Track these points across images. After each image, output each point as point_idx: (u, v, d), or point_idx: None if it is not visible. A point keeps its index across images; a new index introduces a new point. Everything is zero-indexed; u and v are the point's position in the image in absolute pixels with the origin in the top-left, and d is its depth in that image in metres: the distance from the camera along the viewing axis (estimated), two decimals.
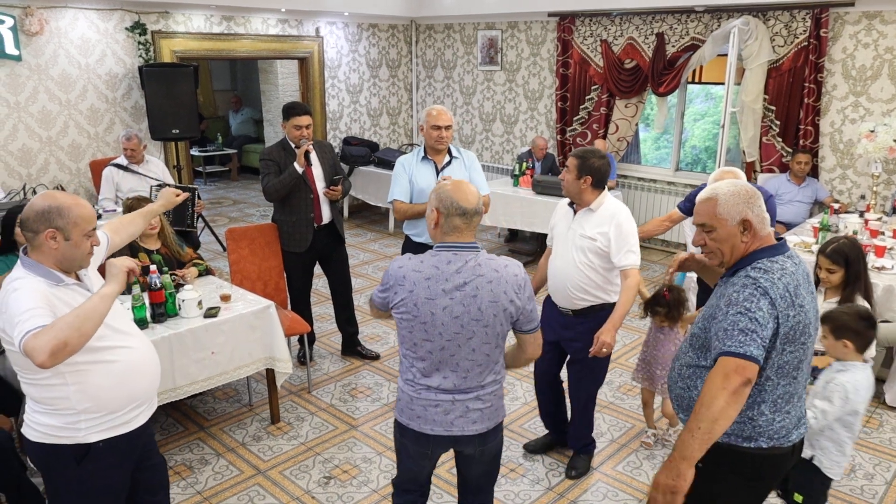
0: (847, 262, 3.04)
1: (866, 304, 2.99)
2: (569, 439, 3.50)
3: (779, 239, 1.98)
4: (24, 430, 2.15)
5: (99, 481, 2.18)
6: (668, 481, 1.80)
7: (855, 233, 4.54)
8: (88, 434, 2.11)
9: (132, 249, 3.70)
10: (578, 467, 3.42)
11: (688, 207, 3.96)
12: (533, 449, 3.60)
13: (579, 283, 3.07)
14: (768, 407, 1.90)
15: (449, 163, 3.84)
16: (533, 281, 3.27)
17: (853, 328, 2.50)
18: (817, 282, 3.21)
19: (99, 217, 5.08)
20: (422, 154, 3.84)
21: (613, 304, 3.09)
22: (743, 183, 2.00)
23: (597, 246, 3.00)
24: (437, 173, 3.77)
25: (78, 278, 2.17)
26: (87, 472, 2.14)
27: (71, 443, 2.10)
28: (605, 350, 2.96)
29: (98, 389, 2.09)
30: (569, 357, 3.32)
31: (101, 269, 2.21)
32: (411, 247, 3.93)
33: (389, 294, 2.20)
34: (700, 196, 2.04)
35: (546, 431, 3.65)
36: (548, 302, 3.33)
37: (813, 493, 2.55)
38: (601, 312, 3.09)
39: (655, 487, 1.85)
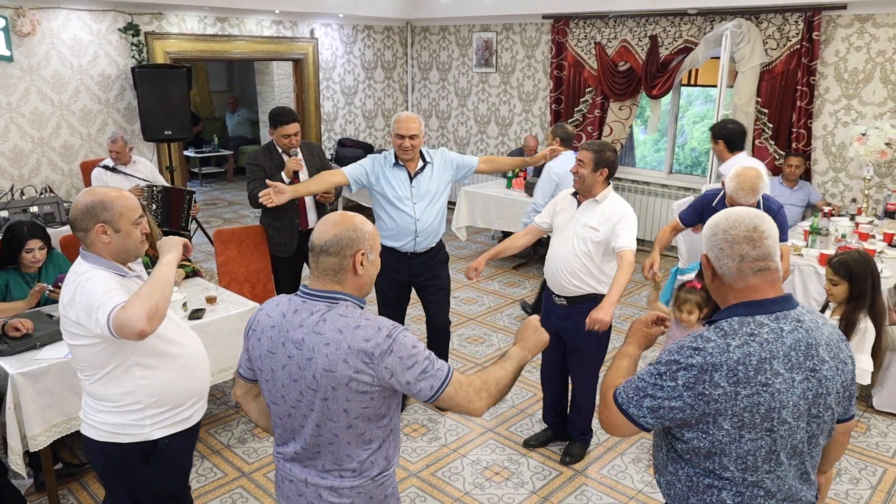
0: (851, 276, 2.90)
1: (871, 326, 2.85)
2: (569, 427, 3.59)
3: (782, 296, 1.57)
4: (86, 431, 2.16)
5: (165, 481, 2.24)
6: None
7: (844, 236, 4.54)
8: (153, 430, 2.14)
9: None
10: (574, 454, 3.51)
11: (688, 217, 3.82)
12: (533, 444, 3.66)
13: (574, 269, 3.19)
14: (731, 497, 1.55)
15: (422, 168, 3.63)
16: (499, 244, 3.44)
17: None
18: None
19: None
20: (393, 159, 3.60)
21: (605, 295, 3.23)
22: (728, 216, 1.57)
23: (599, 235, 3.13)
24: (411, 180, 3.60)
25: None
26: (154, 471, 2.19)
27: (137, 440, 2.13)
28: (597, 327, 2.99)
29: (164, 383, 2.13)
30: (567, 346, 3.41)
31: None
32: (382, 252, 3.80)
33: (245, 343, 1.81)
34: None
35: (545, 426, 3.72)
36: (546, 290, 3.45)
37: None
38: (596, 302, 3.20)
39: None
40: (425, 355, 1.66)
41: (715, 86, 5.93)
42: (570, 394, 3.58)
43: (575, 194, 3.29)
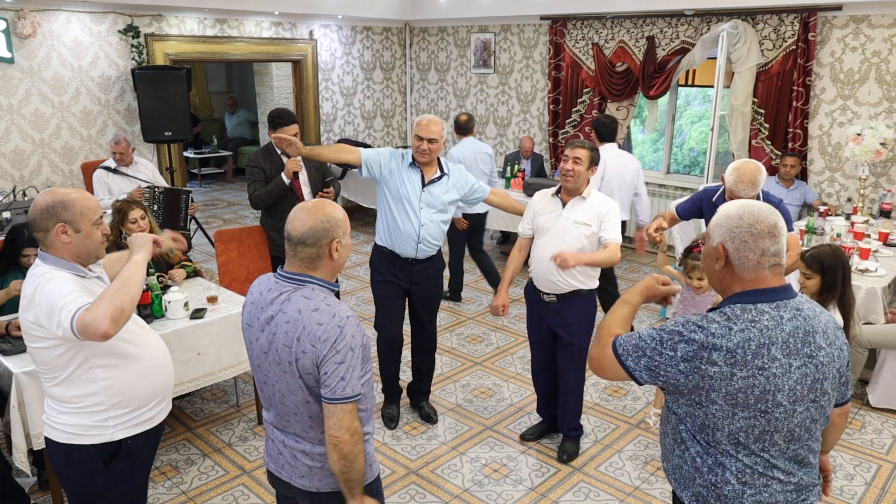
0: (822, 269, 2.96)
1: (838, 317, 2.90)
2: (559, 423, 3.64)
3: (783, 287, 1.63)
4: (48, 433, 2.14)
5: (126, 483, 2.21)
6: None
7: (839, 236, 4.58)
8: (117, 431, 2.12)
9: (119, 250, 3.73)
10: (569, 450, 3.56)
11: (686, 210, 3.85)
12: (529, 437, 3.72)
13: (570, 269, 3.23)
14: (734, 476, 1.62)
15: (439, 178, 3.53)
16: (505, 271, 3.46)
17: None
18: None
19: None
20: (410, 159, 3.54)
21: (594, 290, 3.36)
22: (750, 209, 1.62)
23: (591, 230, 3.21)
24: (423, 186, 3.50)
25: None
26: (115, 472, 2.16)
27: (100, 441, 2.11)
28: (558, 261, 3.07)
29: (127, 384, 2.12)
30: (558, 341, 3.45)
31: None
32: (376, 256, 3.71)
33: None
34: None
35: (540, 419, 3.79)
36: (530, 290, 3.48)
37: None
38: (586, 297, 3.33)
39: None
40: (357, 362, 1.78)
41: (712, 86, 5.97)
42: (559, 391, 3.60)
43: (556, 193, 3.32)
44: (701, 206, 3.77)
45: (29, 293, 2.00)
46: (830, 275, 2.93)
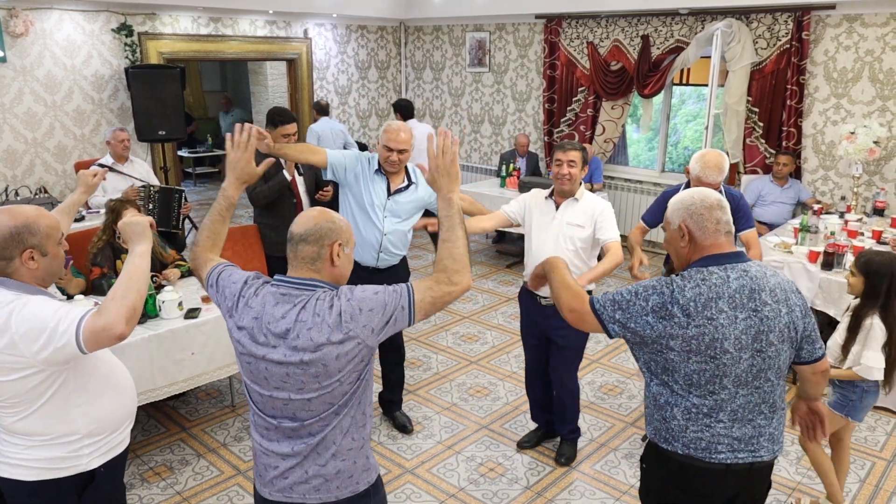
0: (868, 271, 2.87)
1: (878, 323, 2.84)
2: (557, 427, 3.60)
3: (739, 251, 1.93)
4: (7, 474, 1.93)
5: None
6: (540, 270, 2.27)
7: (832, 233, 4.59)
8: (91, 460, 1.98)
9: (114, 251, 3.71)
10: (567, 454, 3.54)
11: (653, 216, 3.75)
12: (527, 444, 3.67)
13: None
14: (681, 413, 1.90)
15: (406, 187, 3.41)
16: (473, 220, 3.28)
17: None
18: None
19: (82, 219, 5.11)
20: (376, 165, 3.37)
21: (591, 292, 3.21)
22: (698, 191, 1.96)
23: (585, 231, 3.20)
24: (389, 195, 3.38)
25: None
26: (89, 503, 2.03)
27: (73, 473, 1.96)
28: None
29: (102, 409, 1.99)
30: (556, 346, 3.40)
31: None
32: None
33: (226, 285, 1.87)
34: None
35: (535, 426, 3.74)
36: (524, 294, 3.45)
37: None
38: None
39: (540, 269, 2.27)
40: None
41: (706, 85, 5.98)
42: (554, 395, 3.56)
43: (550, 196, 3.30)
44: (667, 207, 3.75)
45: (5, 320, 1.77)
46: (875, 279, 2.84)
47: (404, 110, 6.76)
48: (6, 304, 1.79)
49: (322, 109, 7.34)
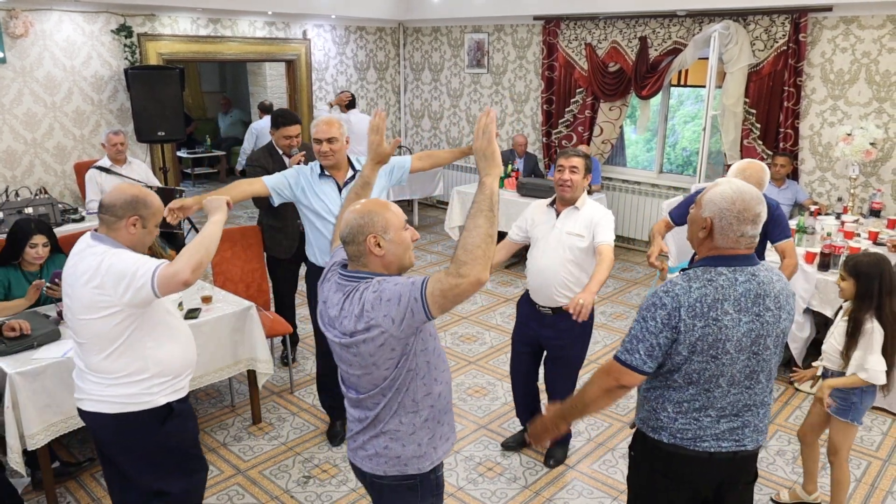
0: (857, 273, 2.86)
1: (878, 327, 2.83)
2: None
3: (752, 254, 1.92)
4: (95, 408, 2.29)
5: (180, 435, 2.42)
6: (546, 427, 2.15)
7: (829, 235, 4.62)
8: (159, 397, 2.32)
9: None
10: (556, 456, 3.53)
11: (679, 215, 3.71)
12: (511, 445, 3.66)
13: (564, 281, 3.19)
14: (672, 406, 1.95)
15: (352, 178, 3.32)
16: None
17: None
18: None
19: (82, 219, 5.12)
20: (318, 170, 3.31)
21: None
22: (745, 191, 1.88)
23: (584, 241, 3.17)
24: (340, 191, 3.30)
25: None
26: (171, 428, 2.36)
27: (149, 408, 2.30)
28: (581, 312, 2.85)
29: (168, 354, 2.33)
30: (547, 354, 3.42)
31: None
32: (310, 277, 3.55)
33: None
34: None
35: (521, 428, 3.71)
36: (524, 302, 3.43)
37: None
38: None
39: (535, 427, 2.19)
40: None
41: (704, 86, 6.01)
42: (549, 399, 3.53)
43: (552, 204, 3.29)
44: None
45: (89, 268, 2.17)
46: (866, 281, 2.83)
47: (351, 103, 7.49)
48: (100, 253, 2.19)
49: (266, 108, 7.85)
